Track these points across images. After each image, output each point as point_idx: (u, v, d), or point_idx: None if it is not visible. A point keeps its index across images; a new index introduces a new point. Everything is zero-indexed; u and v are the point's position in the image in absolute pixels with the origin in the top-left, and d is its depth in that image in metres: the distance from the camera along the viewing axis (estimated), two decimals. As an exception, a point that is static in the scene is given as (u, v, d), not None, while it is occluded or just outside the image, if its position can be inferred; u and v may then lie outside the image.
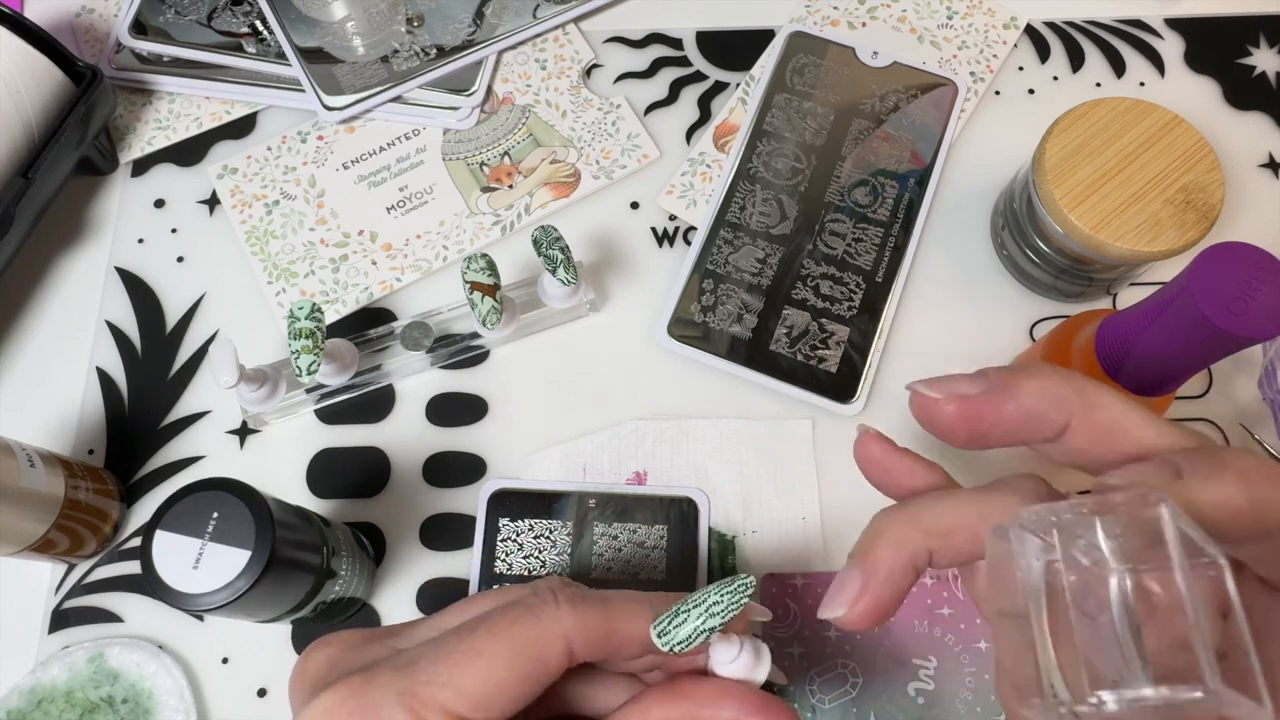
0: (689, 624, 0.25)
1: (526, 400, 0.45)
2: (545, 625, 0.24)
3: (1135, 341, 0.33)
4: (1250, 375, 0.45)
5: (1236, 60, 0.52)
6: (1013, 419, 0.23)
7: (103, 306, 0.48)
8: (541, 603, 0.25)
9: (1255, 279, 0.29)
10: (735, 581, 0.26)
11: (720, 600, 0.25)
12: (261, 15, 0.52)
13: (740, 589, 0.25)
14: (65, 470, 0.40)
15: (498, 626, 0.24)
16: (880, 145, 0.49)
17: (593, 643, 0.25)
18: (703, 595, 0.25)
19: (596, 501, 0.42)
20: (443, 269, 0.48)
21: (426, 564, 0.43)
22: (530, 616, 0.24)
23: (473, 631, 0.24)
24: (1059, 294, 0.46)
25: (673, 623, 0.25)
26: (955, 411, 0.23)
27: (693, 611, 0.25)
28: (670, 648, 0.25)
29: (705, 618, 0.25)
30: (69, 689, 0.40)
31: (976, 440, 0.24)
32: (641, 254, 0.48)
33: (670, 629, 0.25)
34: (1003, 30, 0.53)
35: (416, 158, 0.50)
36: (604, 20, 0.54)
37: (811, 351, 0.45)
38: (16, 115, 0.44)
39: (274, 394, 0.43)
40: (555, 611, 0.24)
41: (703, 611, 0.25)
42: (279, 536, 0.32)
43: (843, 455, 0.44)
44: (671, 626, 0.25)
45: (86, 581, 0.43)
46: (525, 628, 0.24)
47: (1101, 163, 0.41)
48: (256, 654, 0.41)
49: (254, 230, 0.49)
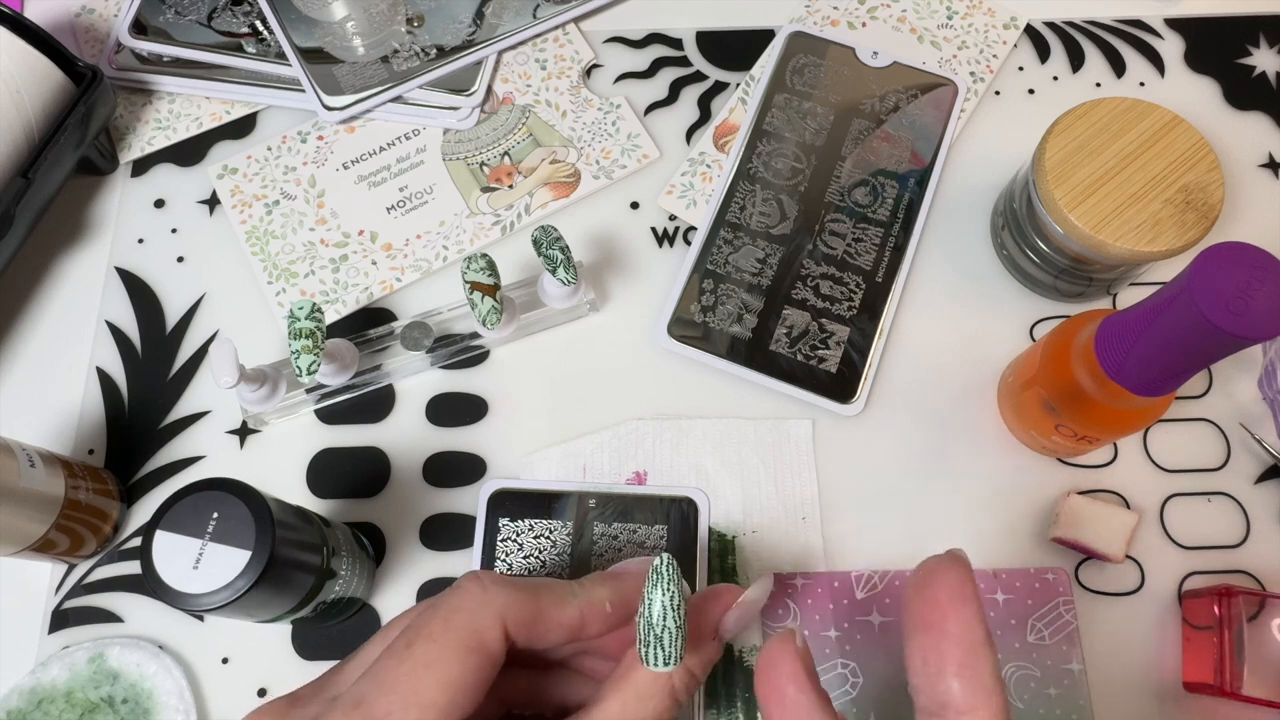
0: (664, 643, 0.25)
1: (526, 400, 0.45)
2: (478, 612, 0.24)
3: (1135, 341, 0.33)
4: (1250, 375, 0.45)
5: (1236, 60, 0.52)
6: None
7: (103, 306, 0.48)
8: (466, 591, 0.24)
9: (1255, 279, 0.29)
10: (656, 578, 0.25)
11: (662, 611, 0.25)
12: (261, 15, 0.52)
13: (656, 579, 0.25)
14: (65, 470, 0.40)
15: (433, 631, 0.24)
16: (880, 145, 0.49)
17: (524, 624, 0.25)
18: (645, 625, 0.25)
19: (596, 501, 0.42)
20: (443, 269, 0.48)
21: (426, 564, 0.43)
22: (460, 612, 0.24)
23: (409, 647, 0.24)
24: (1059, 294, 0.46)
25: (649, 651, 0.25)
26: None
27: (652, 640, 0.25)
28: (668, 663, 0.25)
29: (664, 631, 0.25)
30: (69, 689, 0.40)
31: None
32: (641, 254, 0.48)
33: (652, 654, 0.25)
34: (1003, 30, 0.53)
35: (416, 158, 0.50)
36: (604, 20, 0.54)
37: (811, 351, 0.45)
38: (16, 115, 0.44)
39: (274, 394, 0.43)
40: (483, 595, 0.24)
41: (655, 634, 0.25)
42: (279, 536, 0.32)
43: (843, 455, 0.44)
44: (651, 651, 0.25)
45: (86, 581, 0.43)
46: (459, 622, 0.24)
47: (1101, 163, 0.41)
48: (256, 654, 0.41)
49: (254, 230, 0.49)
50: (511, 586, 0.25)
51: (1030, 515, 0.43)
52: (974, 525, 0.43)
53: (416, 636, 0.24)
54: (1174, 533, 0.42)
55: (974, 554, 0.42)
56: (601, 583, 0.27)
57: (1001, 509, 0.43)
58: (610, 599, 0.27)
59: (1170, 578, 0.42)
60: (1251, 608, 0.38)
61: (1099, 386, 0.36)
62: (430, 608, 0.25)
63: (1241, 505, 0.43)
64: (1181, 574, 0.42)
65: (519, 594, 0.25)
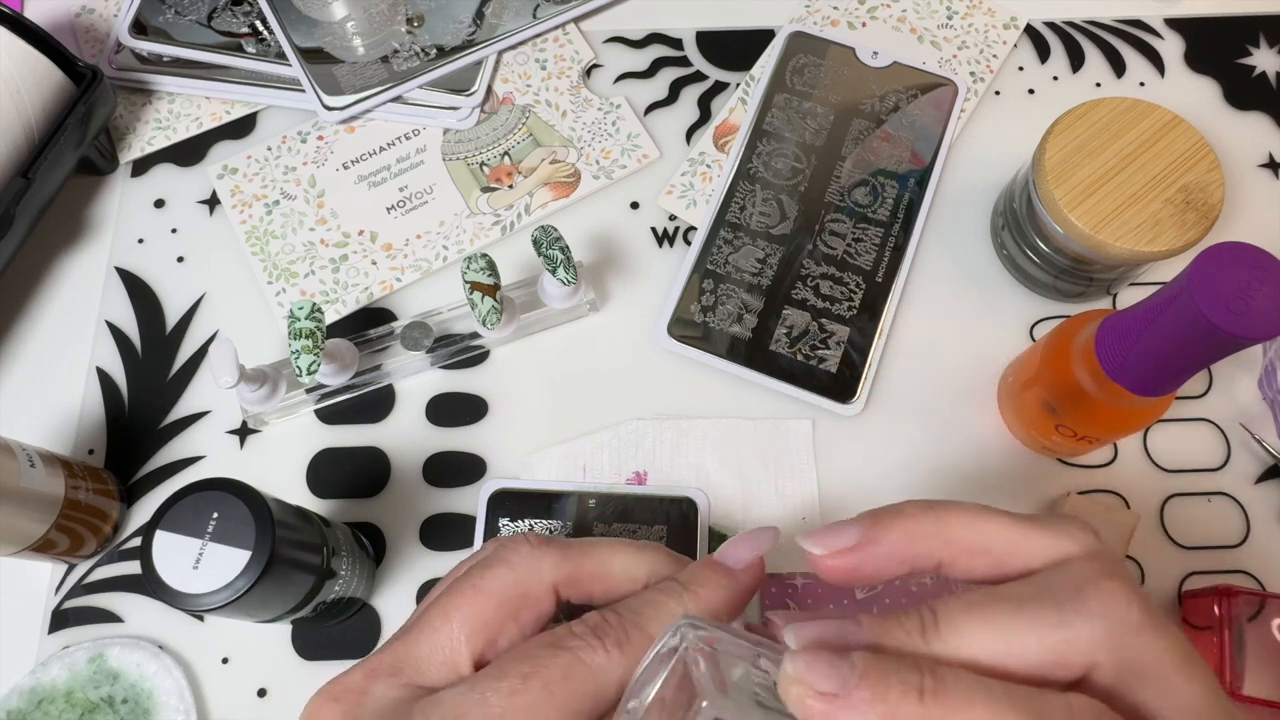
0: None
1: (526, 400, 0.45)
2: (600, 678, 0.22)
3: (1135, 341, 0.33)
4: (1250, 375, 0.45)
5: (1236, 60, 0.52)
6: (885, 565, 0.23)
7: (103, 306, 0.48)
8: (588, 650, 0.23)
9: (1255, 279, 0.29)
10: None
11: None
12: (261, 15, 0.52)
13: None
14: (65, 470, 0.40)
15: (552, 683, 0.22)
16: (880, 145, 0.49)
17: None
18: None
19: (596, 501, 0.42)
20: (443, 269, 0.48)
21: (426, 564, 0.43)
22: (583, 669, 0.22)
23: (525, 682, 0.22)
24: (1059, 294, 0.46)
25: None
26: (835, 567, 0.23)
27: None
28: None
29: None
30: (69, 689, 0.40)
31: (864, 584, 0.24)
32: (641, 254, 0.48)
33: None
34: (1003, 30, 0.53)
35: (416, 158, 0.50)
36: (604, 20, 0.54)
37: (811, 351, 0.45)
38: (16, 115, 0.44)
39: (274, 394, 0.43)
40: (606, 661, 0.23)
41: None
42: (279, 536, 0.32)
43: (843, 455, 0.44)
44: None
45: (86, 581, 0.43)
46: (581, 682, 0.22)
47: (1101, 163, 0.41)
48: (256, 654, 0.41)
49: (254, 230, 0.49)
50: (633, 647, 0.23)
51: (1030, 515, 0.43)
52: (974, 525, 0.42)
53: (534, 676, 0.22)
54: (1174, 533, 0.42)
55: (974, 554, 0.42)
56: (714, 585, 0.26)
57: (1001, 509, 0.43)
58: (722, 603, 0.26)
59: (1170, 578, 0.42)
60: (1251, 608, 0.38)
61: (1099, 386, 0.36)
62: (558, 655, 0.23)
63: (1241, 505, 0.43)
64: (1181, 574, 0.42)
65: (638, 652, 0.23)
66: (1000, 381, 0.45)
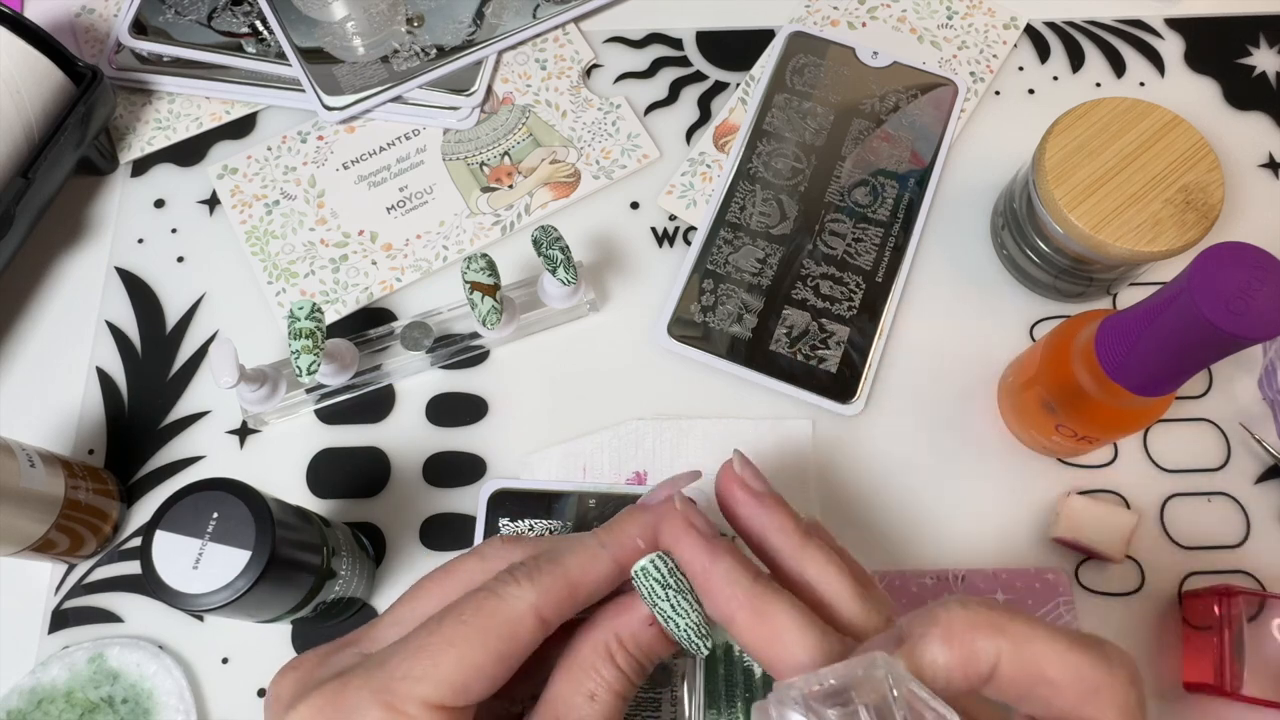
0: (683, 618, 0.26)
1: (526, 400, 0.45)
2: (512, 605, 0.25)
3: (1135, 341, 0.33)
4: (1250, 375, 0.45)
5: (1236, 60, 0.52)
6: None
7: (103, 306, 0.48)
8: (502, 584, 0.25)
9: (1255, 279, 0.29)
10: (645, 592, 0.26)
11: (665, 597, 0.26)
12: (261, 15, 0.52)
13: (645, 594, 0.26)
14: (65, 470, 0.40)
15: (465, 614, 0.24)
16: (880, 145, 0.49)
17: (560, 605, 0.25)
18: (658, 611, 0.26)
19: (596, 501, 0.42)
20: (443, 269, 0.48)
21: (426, 564, 0.43)
22: (495, 599, 0.25)
23: (440, 623, 0.24)
24: (1059, 294, 0.46)
25: (671, 626, 0.26)
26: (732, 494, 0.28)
27: (671, 619, 0.26)
28: (706, 650, 0.27)
29: (676, 606, 0.26)
30: (69, 689, 0.40)
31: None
32: (641, 254, 0.48)
33: (678, 630, 0.26)
34: (1003, 30, 0.53)
35: (416, 158, 0.50)
36: (604, 20, 0.54)
37: (811, 351, 0.45)
38: (16, 115, 0.44)
39: (274, 394, 0.43)
40: (518, 590, 0.25)
41: (669, 612, 0.26)
42: (279, 536, 0.32)
43: (843, 455, 0.44)
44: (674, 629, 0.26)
45: (86, 581, 0.43)
46: (493, 611, 0.24)
47: (1101, 163, 0.41)
48: (256, 654, 0.41)
49: (254, 230, 0.49)
50: (540, 576, 0.25)
51: (1030, 515, 0.43)
52: (974, 525, 0.43)
53: (452, 614, 0.25)
54: (1174, 533, 0.42)
55: (974, 554, 0.42)
56: (630, 520, 0.27)
57: (1001, 509, 0.43)
58: (640, 534, 0.27)
59: (1170, 578, 0.42)
60: (1251, 608, 0.38)
61: (1099, 386, 0.36)
62: (475, 591, 0.25)
63: (1241, 505, 0.43)
64: (1181, 574, 0.42)
65: (549, 580, 0.25)
66: (1000, 381, 0.45)
